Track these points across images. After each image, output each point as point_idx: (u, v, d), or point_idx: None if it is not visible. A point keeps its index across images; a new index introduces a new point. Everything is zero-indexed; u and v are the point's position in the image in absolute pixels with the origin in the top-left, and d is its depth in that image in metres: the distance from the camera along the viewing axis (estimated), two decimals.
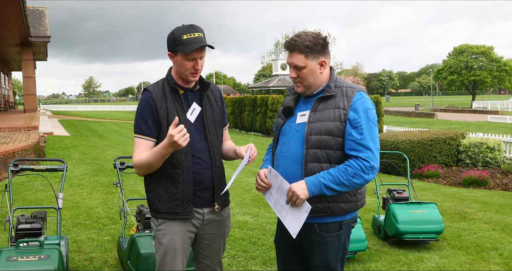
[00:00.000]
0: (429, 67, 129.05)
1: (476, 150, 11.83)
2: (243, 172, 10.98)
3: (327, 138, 2.51)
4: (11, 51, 27.70)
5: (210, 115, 2.79)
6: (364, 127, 2.49)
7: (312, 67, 2.58)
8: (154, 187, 2.72)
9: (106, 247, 5.09)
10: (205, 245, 2.84)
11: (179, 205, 2.66)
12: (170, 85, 2.71)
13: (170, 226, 2.69)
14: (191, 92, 2.77)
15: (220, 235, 2.87)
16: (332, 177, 2.45)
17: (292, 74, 2.63)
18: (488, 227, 6.09)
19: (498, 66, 61.08)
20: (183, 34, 2.59)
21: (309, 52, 2.55)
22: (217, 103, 2.86)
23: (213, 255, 2.87)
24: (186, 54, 2.60)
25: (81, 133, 19.48)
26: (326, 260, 2.62)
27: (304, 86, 2.63)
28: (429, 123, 31.42)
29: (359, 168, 2.45)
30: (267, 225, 6.01)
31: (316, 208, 2.53)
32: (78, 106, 62.23)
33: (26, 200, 7.10)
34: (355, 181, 2.46)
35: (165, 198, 2.68)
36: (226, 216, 2.90)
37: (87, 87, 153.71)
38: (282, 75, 37.17)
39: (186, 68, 2.65)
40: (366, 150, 2.47)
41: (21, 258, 3.23)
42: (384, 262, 4.83)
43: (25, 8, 16.21)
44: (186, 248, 2.75)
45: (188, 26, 2.63)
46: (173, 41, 2.62)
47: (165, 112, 2.65)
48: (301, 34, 2.58)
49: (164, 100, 2.67)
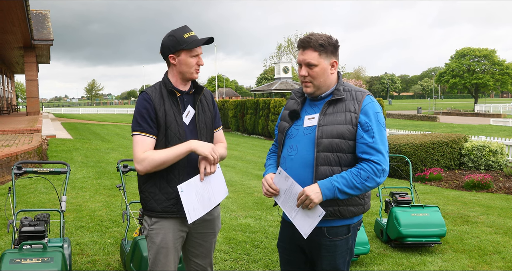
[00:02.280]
0: (432, 70, 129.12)
1: (479, 153, 11.81)
2: (245, 175, 10.98)
3: (339, 141, 2.52)
4: (14, 54, 27.81)
5: (202, 118, 2.88)
6: (375, 130, 2.52)
7: (324, 66, 2.60)
8: (149, 186, 2.78)
9: (109, 249, 5.10)
10: (196, 243, 2.92)
11: (174, 204, 2.74)
12: (167, 88, 2.79)
13: (163, 225, 2.76)
14: (187, 95, 2.86)
15: (211, 234, 2.96)
16: (346, 180, 2.46)
17: (303, 72, 2.62)
18: (490, 231, 6.08)
19: (500, 69, 61.03)
20: (183, 34, 2.73)
21: (323, 50, 2.57)
22: (209, 107, 2.96)
23: (204, 254, 2.96)
24: (190, 50, 2.72)
25: (83, 136, 19.52)
26: (335, 264, 2.63)
27: (314, 86, 2.63)
28: (432, 127, 31.37)
29: (372, 171, 2.47)
30: (269, 228, 6.01)
31: (327, 211, 2.54)
32: (81, 109, 62.37)
33: (29, 203, 7.12)
34: (368, 184, 2.47)
35: (161, 197, 2.75)
36: (217, 216, 2.99)
37: (89, 90, 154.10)
38: (284, 79, 37.19)
39: (191, 65, 2.76)
40: (378, 153, 2.49)
41: (25, 260, 3.24)
42: (387, 265, 4.83)
43: (28, 11, 16.27)
44: (178, 247, 2.83)
45: (183, 27, 2.78)
46: (175, 42, 2.72)
47: (164, 114, 2.73)
48: (314, 34, 2.61)
49: (162, 103, 2.75)
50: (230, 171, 11.34)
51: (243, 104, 27.78)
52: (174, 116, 2.75)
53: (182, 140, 2.74)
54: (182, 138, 2.75)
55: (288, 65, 38.20)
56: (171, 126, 2.73)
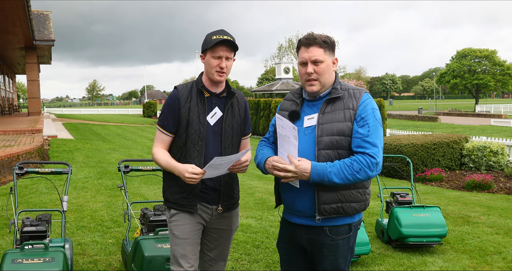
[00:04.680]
0: (432, 71, 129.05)
1: (480, 154, 11.80)
2: (246, 175, 10.99)
3: (339, 138, 2.54)
4: (16, 55, 27.84)
5: (229, 122, 2.94)
6: (371, 125, 2.54)
7: (329, 62, 2.64)
8: (169, 177, 2.95)
9: (110, 250, 5.11)
10: (212, 238, 3.04)
11: (184, 197, 2.88)
12: (197, 87, 2.89)
13: (181, 217, 2.90)
14: (217, 98, 2.94)
15: (228, 231, 3.06)
16: (337, 170, 2.47)
17: (309, 70, 2.60)
18: (491, 231, 6.08)
19: (501, 70, 60.99)
20: (212, 36, 2.81)
21: (327, 47, 2.61)
22: (240, 112, 3.01)
23: (218, 249, 3.06)
24: (212, 51, 2.80)
25: (85, 136, 19.54)
26: (336, 263, 2.64)
27: (320, 84, 2.64)
28: (432, 127, 31.36)
29: (365, 164, 2.48)
30: (270, 228, 6.02)
31: (330, 209, 2.55)
32: (82, 110, 62.32)
33: (30, 203, 7.13)
34: (359, 176, 2.48)
35: (174, 189, 2.92)
36: (235, 214, 3.08)
37: (90, 91, 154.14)
38: (285, 79, 37.15)
39: (212, 66, 2.83)
40: (373, 146, 2.51)
41: (26, 260, 3.25)
42: (388, 265, 4.83)
43: (29, 12, 16.30)
44: (197, 239, 2.94)
45: (218, 30, 2.86)
46: (204, 42, 2.84)
47: (187, 111, 2.85)
48: (314, 33, 2.64)
49: (189, 99, 2.86)
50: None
51: None
52: (198, 114, 2.85)
53: (202, 139, 2.84)
54: (202, 137, 2.84)
55: (289, 66, 38.18)
56: (193, 123, 2.83)
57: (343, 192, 2.56)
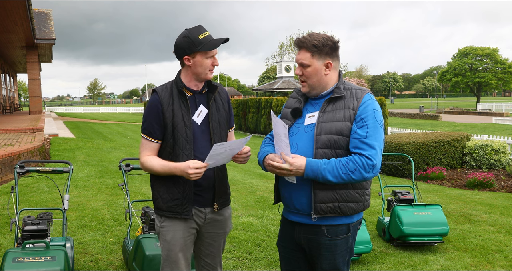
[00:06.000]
0: (434, 69, 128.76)
1: (481, 152, 11.79)
2: (247, 173, 10.99)
3: (337, 137, 2.53)
4: (17, 54, 27.87)
5: (216, 118, 2.85)
6: (370, 127, 2.52)
7: (317, 67, 2.60)
8: (158, 185, 2.84)
9: (111, 248, 5.11)
10: (207, 243, 2.95)
11: (178, 204, 2.77)
12: (178, 88, 2.78)
13: (173, 223, 2.80)
14: (199, 95, 2.84)
15: (221, 234, 2.97)
16: (332, 168, 2.46)
17: (297, 71, 2.67)
18: (493, 229, 6.08)
19: (503, 68, 60.83)
20: (198, 35, 2.70)
21: (316, 51, 2.58)
22: (224, 106, 2.93)
23: (214, 253, 2.98)
24: (206, 52, 2.71)
25: (86, 135, 19.56)
26: (335, 263, 2.63)
27: (308, 86, 2.65)
28: (434, 125, 31.34)
29: (361, 165, 2.46)
30: (271, 226, 6.01)
31: (326, 208, 2.54)
32: (83, 108, 62.39)
33: (31, 202, 7.14)
34: (353, 176, 2.46)
35: (166, 197, 2.80)
36: (228, 216, 2.99)
37: (91, 89, 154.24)
38: (286, 77, 37.17)
39: (206, 66, 2.75)
40: (371, 148, 2.48)
41: (27, 259, 3.25)
42: (389, 264, 4.82)
43: (30, 11, 16.31)
44: (189, 244, 2.85)
45: (198, 27, 2.75)
46: (191, 44, 2.70)
47: (171, 114, 2.73)
48: (313, 34, 2.63)
49: (171, 102, 2.75)
50: (232, 170, 11.35)
51: (245, 103, 27.78)
52: (182, 117, 2.74)
53: (190, 142, 2.74)
54: (190, 140, 2.74)
55: (290, 64, 38.20)
56: (178, 127, 2.73)
57: (340, 191, 2.54)
